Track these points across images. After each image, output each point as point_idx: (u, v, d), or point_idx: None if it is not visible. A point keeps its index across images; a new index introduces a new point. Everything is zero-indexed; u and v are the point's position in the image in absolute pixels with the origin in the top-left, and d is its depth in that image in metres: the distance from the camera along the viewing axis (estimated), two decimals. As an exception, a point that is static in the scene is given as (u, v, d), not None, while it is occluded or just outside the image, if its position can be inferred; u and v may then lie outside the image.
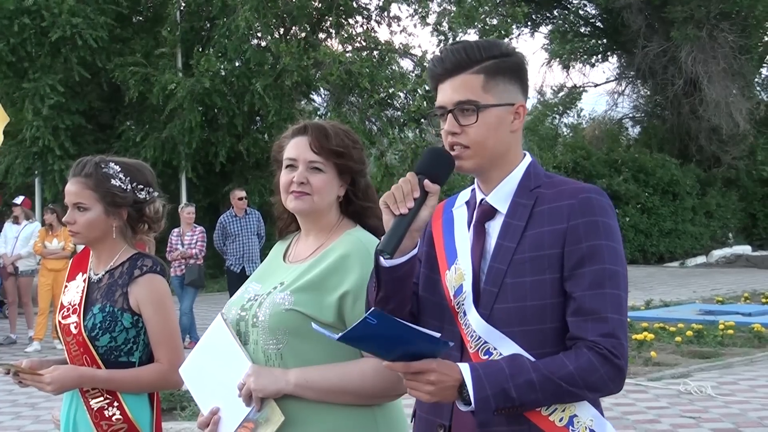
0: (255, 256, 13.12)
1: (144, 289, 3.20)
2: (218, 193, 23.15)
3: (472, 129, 2.24)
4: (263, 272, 2.84)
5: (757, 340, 11.89)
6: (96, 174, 3.24)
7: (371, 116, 22.27)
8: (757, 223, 32.29)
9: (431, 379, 2.09)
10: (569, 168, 27.48)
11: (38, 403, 9.09)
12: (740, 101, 28.52)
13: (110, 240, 3.28)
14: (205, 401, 2.72)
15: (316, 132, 2.70)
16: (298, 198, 2.68)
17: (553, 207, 2.22)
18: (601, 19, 33.79)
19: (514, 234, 2.24)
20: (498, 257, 2.24)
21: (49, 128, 20.80)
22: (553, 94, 36.68)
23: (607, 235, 2.19)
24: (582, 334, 2.14)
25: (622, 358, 2.14)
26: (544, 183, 2.29)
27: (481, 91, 2.25)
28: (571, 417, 2.19)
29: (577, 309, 2.15)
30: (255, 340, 2.63)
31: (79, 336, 3.18)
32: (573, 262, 2.16)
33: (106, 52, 21.32)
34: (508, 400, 2.09)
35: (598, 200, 2.22)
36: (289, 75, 20.79)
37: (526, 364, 2.12)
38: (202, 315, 14.24)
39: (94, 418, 3.18)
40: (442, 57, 2.30)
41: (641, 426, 7.79)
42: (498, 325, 2.19)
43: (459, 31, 23.27)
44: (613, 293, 2.15)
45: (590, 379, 2.11)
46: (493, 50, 2.29)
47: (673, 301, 16.73)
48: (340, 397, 2.56)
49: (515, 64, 2.30)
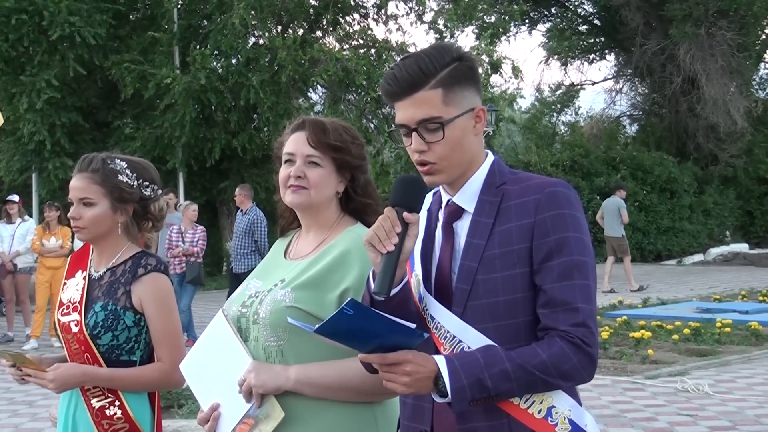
0: (241, 254, 12.95)
1: (148, 287, 3.19)
2: (214, 191, 23.17)
3: (438, 145, 2.24)
4: (264, 269, 2.84)
5: (754, 338, 11.89)
6: (103, 169, 3.23)
7: (368, 114, 22.26)
8: (755, 221, 32.30)
9: (407, 370, 2.11)
10: (567, 166, 27.47)
11: (35, 401, 9.08)
12: (738, 99, 28.52)
13: (114, 236, 3.27)
14: (205, 397, 2.72)
15: (313, 127, 2.71)
16: (295, 192, 2.69)
17: (520, 202, 2.24)
18: (599, 16, 33.78)
19: (483, 231, 2.25)
20: (468, 255, 2.25)
21: (46, 125, 20.80)
22: (550, 92, 36.69)
23: (575, 227, 2.20)
24: (553, 325, 2.16)
25: (594, 347, 2.16)
26: (510, 179, 2.31)
27: (442, 105, 2.24)
28: (549, 408, 2.20)
29: (548, 301, 2.17)
30: (255, 337, 2.63)
31: (80, 334, 3.17)
32: (542, 256, 2.18)
33: (104, 50, 21.32)
34: (484, 390, 2.11)
35: (564, 193, 2.23)
36: (284, 70, 20.78)
37: (500, 354, 2.14)
38: (199, 313, 14.24)
39: (95, 417, 3.16)
40: (396, 75, 2.26)
41: (638, 424, 7.79)
42: (472, 321, 2.21)
43: (455, 29, 23.29)
44: (582, 283, 2.18)
45: (563, 368, 2.13)
46: (445, 58, 2.26)
47: (671, 299, 16.73)
48: (340, 394, 2.56)
49: (468, 69, 2.29)
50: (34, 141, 20.97)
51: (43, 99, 20.31)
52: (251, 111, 22.15)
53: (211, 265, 20.33)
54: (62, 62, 20.65)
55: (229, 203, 17.80)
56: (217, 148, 21.55)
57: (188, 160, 22.01)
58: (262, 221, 12.98)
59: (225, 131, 21.74)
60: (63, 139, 20.98)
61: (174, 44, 22.23)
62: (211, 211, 23.28)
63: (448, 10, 23.20)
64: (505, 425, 2.20)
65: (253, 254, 12.81)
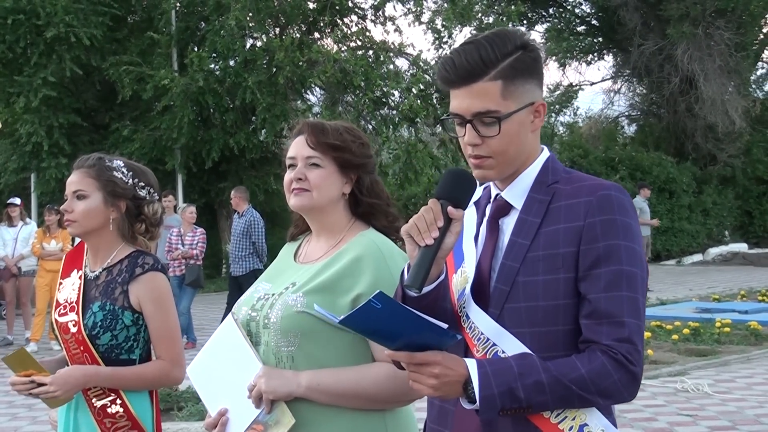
0: (239, 257, 12.84)
1: (146, 286, 3.20)
2: (213, 193, 23.16)
3: (494, 140, 2.13)
4: (273, 272, 2.82)
5: (753, 337, 11.89)
6: (99, 165, 3.28)
7: (366, 115, 22.28)
8: (753, 221, 32.30)
9: (435, 372, 2.00)
10: (566, 167, 27.45)
11: (35, 404, 9.07)
12: (736, 99, 28.52)
13: (107, 234, 3.28)
14: (213, 402, 2.70)
15: (312, 128, 2.70)
16: (297, 195, 2.67)
17: (571, 203, 2.12)
18: (597, 17, 33.78)
19: (528, 231, 2.13)
20: (511, 254, 2.13)
21: (44, 126, 20.79)
22: (549, 92, 36.67)
23: (626, 234, 2.08)
24: (596, 338, 2.04)
25: (638, 365, 2.03)
26: (562, 178, 2.19)
27: (500, 98, 2.11)
28: (581, 426, 2.07)
29: (592, 311, 2.05)
30: (266, 342, 2.60)
31: (79, 334, 3.17)
32: (589, 262, 2.06)
33: (101, 52, 21.31)
34: (515, 400, 2.00)
35: (617, 197, 2.10)
36: (282, 71, 20.80)
37: (536, 363, 2.02)
38: (199, 315, 14.24)
39: (97, 416, 3.17)
40: (454, 61, 2.12)
41: (638, 424, 7.79)
42: (508, 325, 2.10)
43: (453, 30, 23.30)
44: (631, 296, 2.05)
45: (603, 385, 2.01)
46: (508, 46, 2.13)
47: (670, 299, 16.73)
48: (352, 401, 2.53)
49: (532, 60, 2.16)
50: (32, 142, 20.94)
51: (39, 97, 20.26)
52: (249, 112, 22.16)
53: (209, 268, 20.31)
54: (59, 64, 20.63)
55: (228, 205, 17.75)
56: (215, 148, 21.54)
57: (187, 162, 22.01)
58: (260, 223, 12.90)
59: (223, 132, 21.74)
60: (61, 141, 20.96)
61: (172, 46, 22.23)
62: (209, 213, 23.27)
63: (446, 10, 23.19)
64: None
65: (251, 256, 12.75)
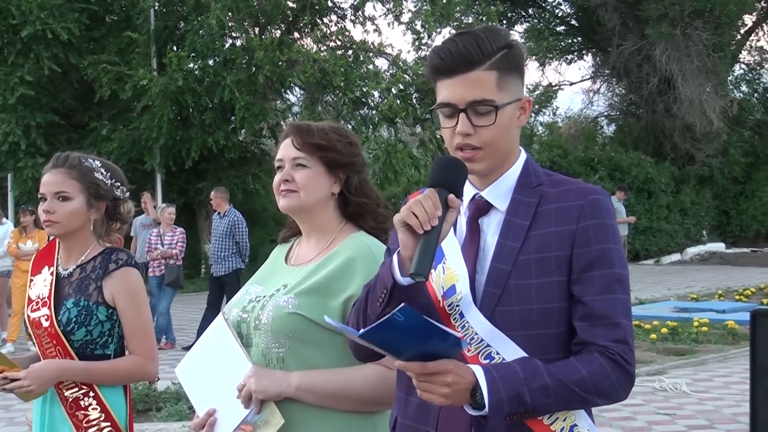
0: (221, 257, 12.71)
1: (120, 282, 3.21)
2: (192, 192, 23.08)
3: (486, 130, 2.12)
4: (264, 274, 2.82)
5: (730, 336, 11.97)
6: (80, 166, 3.27)
7: (345, 115, 22.26)
8: (731, 221, 32.53)
9: (448, 381, 1.97)
10: (546, 167, 27.08)
11: (12, 405, 9.01)
12: (714, 99, 28.69)
13: (85, 233, 3.28)
14: (202, 402, 2.69)
15: (298, 129, 2.71)
16: (285, 196, 2.68)
17: (560, 207, 2.13)
18: (576, 17, 33.91)
19: (517, 233, 2.13)
20: (500, 257, 2.13)
21: (21, 126, 20.65)
22: (528, 92, 36.75)
23: (614, 238, 2.12)
24: (593, 339, 2.07)
25: (633, 365, 2.08)
26: (546, 181, 2.21)
27: (496, 89, 2.12)
28: (572, 426, 2.11)
29: (588, 314, 2.07)
30: (257, 343, 2.60)
31: (51, 329, 3.17)
32: (582, 265, 2.09)
33: (78, 50, 21.19)
34: (522, 404, 2.01)
35: (605, 202, 2.16)
36: (261, 70, 20.75)
37: (540, 367, 2.03)
38: (178, 316, 14.18)
39: (69, 409, 3.16)
40: (451, 49, 2.11)
41: (617, 423, 7.81)
42: (500, 328, 2.10)
43: (433, 31, 23.31)
44: (623, 298, 2.10)
45: (602, 385, 2.05)
46: (501, 41, 2.15)
47: (648, 299, 16.81)
48: (342, 402, 2.53)
49: (520, 56, 2.19)
50: (9, 142, 20.81)
51: (16, 96, 20.12)
52: (228, 111, 22.10)
53: (189, 268, 20.22)
54: (37, 63, 20.50)
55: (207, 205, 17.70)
56: (194, 148, 21.46)
57: (166, 161, 21.92)
58: (242, 223, 12.81)
59: (202, 131, 21.67)
60: (38, 140, 20.83)
61: (150, 45, 22.13)
62: (189, 213, 23.18)
63: (426, 11, 23.21)
64: None
65: (234, 257, 12.66)
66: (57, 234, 3.28)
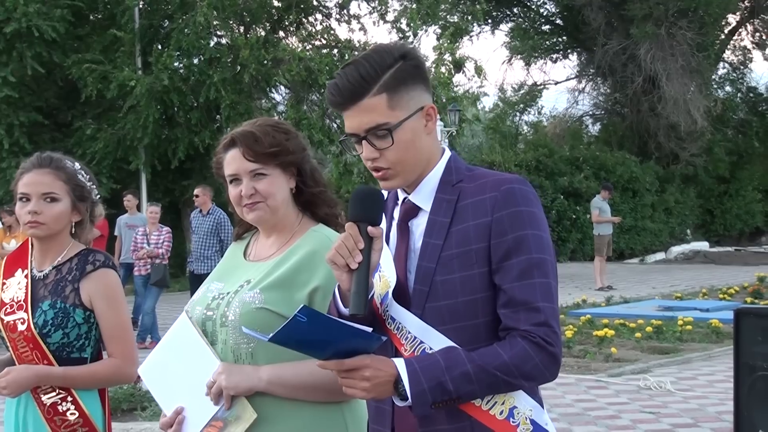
0: (205, 255, 12.72)
1: (97, 284, 3.17)
2: (177, 191, 23.01)
3: (389, 151, 2.19)
4: (224, 270, 2.81)
5: (714, 335, 12.00)
6: (65, 168, 3.24)
7: (331, 113, 22.24)
8: (715, 220, 32.71)
9: (366, 375, 2.07)
10: (531, 166, 27.58)
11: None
12: (698, 98, 28.83)
13: (64, 235, 3.25)
14: (168, 401, 2.68)
15: (244, 140, 2.68)
16: (252, 210, 2.68)
17: (477, 201, 2.19)
18: (562, 16, 34.01)
19: (439, 231, 2.20)
20: (426, 256, 2.21)
21: (4, 125, 20.55)
22: (513, 91, 36.82)
23: (532, 224, 2.16)
24: (515, 324, 2.12)
25: (557, 346, 2.13)
26: (466, 177, 2.25)
27: (387, 110, 2.18)
28: (511, 409, 2.18)
29: (508, 301, 2.13)
30: (224, 340, 2.60)
31: (28, 332, 3.12)
32: (500, 255, 2.14)
33: (63, 48, 21.08)
34: (445, 392, 2.08)
35: (520, 189, 2.18)
36: (247, 69, 20.70)
37: (461, 355, 2.10)
38: (163, 315, 14.12)
39: (47, 414, 3.12)
40: (338, 84, 2.19)
41: (602, 422, 7.83)
42: (431, 323, 2.17)
43: (418, 29, 23.32)
44: (543, 282, 2.14)
45: (525, 368, 2.10)
46: (387, 60, 2.19)
47: (633, 298, 16.87)
48: (312, 393, 2.56)
49: (413, 67, 2.22)
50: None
51: None
52: (213, 110, 22.04)
53: (174, 267, 20.15)
54: (20, 62, 20.40)
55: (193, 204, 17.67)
56: (180, 147, 21.39)
57: (151, 160, 21.85)
58: (228, 221, 12.81)
59: (188, 130, 21.61)
60: (22, 139, 20.73)
61: (135, 44, 22.05)
62: (174, 212, 23.12)
63: (411, 10, 23.22)
64: (468, 427, 2.17)
65: (217, 255, 12.63)
66: (41, 236, 3.22)
